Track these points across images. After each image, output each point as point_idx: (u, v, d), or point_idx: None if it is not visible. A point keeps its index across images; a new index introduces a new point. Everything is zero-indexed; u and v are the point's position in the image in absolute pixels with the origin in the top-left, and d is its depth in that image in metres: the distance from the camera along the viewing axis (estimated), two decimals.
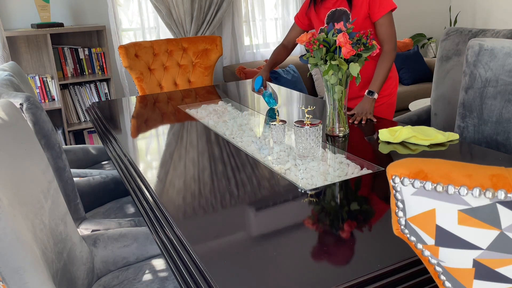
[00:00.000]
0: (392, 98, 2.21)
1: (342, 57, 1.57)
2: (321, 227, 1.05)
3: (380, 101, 2.16)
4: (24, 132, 1.21)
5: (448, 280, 0.64)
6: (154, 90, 3.19)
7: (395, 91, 2.22)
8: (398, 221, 0.64)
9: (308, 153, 1.47)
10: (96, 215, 1.91)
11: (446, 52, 2.68)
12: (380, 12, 1.97)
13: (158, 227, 1.18)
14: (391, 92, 2.19)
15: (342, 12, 2.08)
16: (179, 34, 4.07)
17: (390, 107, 2.21)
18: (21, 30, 3.47)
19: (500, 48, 1.81)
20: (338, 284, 0.84)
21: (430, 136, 1.57)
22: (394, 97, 2.22)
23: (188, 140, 1.76)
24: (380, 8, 1.97)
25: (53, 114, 3.77)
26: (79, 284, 1.32)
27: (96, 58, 3.84)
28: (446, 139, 1.56)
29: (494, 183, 0.54)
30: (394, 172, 0.61)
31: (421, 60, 4.75)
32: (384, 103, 2.18)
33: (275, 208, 1.16)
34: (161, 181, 1.38)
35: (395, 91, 2.22)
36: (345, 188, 1.27)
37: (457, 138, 1.58)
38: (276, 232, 1.04)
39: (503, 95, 1.82)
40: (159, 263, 1.48)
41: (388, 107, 2.20)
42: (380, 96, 2.14)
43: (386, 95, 2.17)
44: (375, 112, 2.13)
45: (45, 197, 1.22)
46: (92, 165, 2.50)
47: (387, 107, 2.20)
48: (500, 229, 0.55)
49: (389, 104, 2.20)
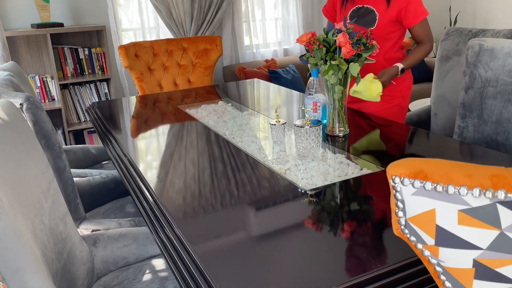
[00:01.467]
0: (405, 101, 2.19)
1: (342, 57, 1.57)
2: (321, 227, 1.05)
3: (392, 103, 2.13)
4: (24, 132, 1.21)
5: (448, 280, 0.64)
6: (154, 90, 3.20)
7: (408, 94, 2.19)
8: (398, 221, 0.64)
9: (308, 153, 1.47)
10: (96, 215, 1.91)
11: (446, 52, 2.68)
12: (415, 20, 2.02)
13: (158, 227, 1.18)
14: (404, 95, 2.17)
15: (369, 10, 2.07)
16: (179, 34, 4.07)
17: (402, 110, 2.19)
18: (21, 30, 3.47)
19: (500, 48, 1.81)
20: (338, 284, 0.84)
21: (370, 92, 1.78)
22: (407, 100, 2.20)
23: (188, 140, 1.76)
24: (415, 17, 2.01)
25: (53, 114, 3.77)
26: (79, 284, 1.32)
27: (96, 58, 3.84)
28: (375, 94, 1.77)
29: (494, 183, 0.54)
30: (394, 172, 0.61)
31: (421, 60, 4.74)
32: (397, 105, 2.14)
33: (275, 208, 1.16)
34: (161, 181, 1.38)
35: (408, 94, 2.19)
36: (345, 188, 1.27)
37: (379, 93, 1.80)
38: (276, 232, 1.04)
39: (503, 95, 1.82)
40: (159, 263, 1.48)
41: (400, 110, 2.18)
42: (393, 98, 2.12)
43: (399, 97, 2.14)
44: (387, 114, 2.11)
45: (45, 197, 1.22)
46: (92, 165, 2.50)
47: (399, 110, 2.17)
48: (500, 229, 0.55)
49: (401, 107, 2.18)
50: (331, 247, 0.97)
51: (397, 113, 2.16)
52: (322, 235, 1.02)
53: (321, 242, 0.99)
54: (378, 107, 2.13)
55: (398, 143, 1.65)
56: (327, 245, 0.97)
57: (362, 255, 0.93)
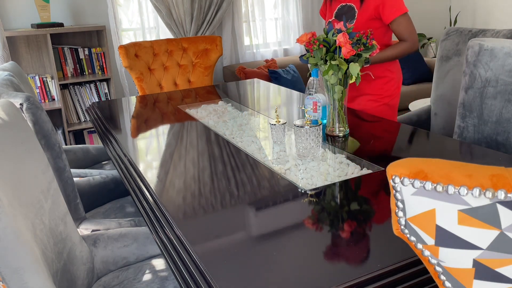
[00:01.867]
0: (393, 100, 2.20)
1: (342, 57, 1.57)
2: (321, 227, 1.05)
3: (381, 101, 2.15)
4: (24, 132, 1.21)
5: (448, 280, 0.64)
6: (154, 90, 3.19)
7: (397, 92, 2.20)
8: (398, 221, 0.64)
9: (308, 153, 1.47)
10: (96, 215, 1.91)
11: (446, 52, 2.67)
12: (391, 16, 2.03)
13: (158, 227, 1.18)
14: (393, 94, 2.18)
15: (350, 8, 2.10)
16: (179, 34, 4.07)
17: (392, 108, 2.20)
18: (21, 30, 3.47)
19: (500, 48, 1.81)
20: (338, 284, 0.84)
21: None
22: (396, 98, 2.21)
23: (188, 140, 1.76)
24: (391, 13, 2.02)
25: (53, 114, 3.76)
26: (79, 284, 1.32)
27: (96, 58, 3.84)
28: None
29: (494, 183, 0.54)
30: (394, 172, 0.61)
31: (421, 60, 4.75)
32: (386, 103, 2.17)
33: (275, 208, 1.16)
34: (161, 181, 1.38)
35: (397, 92, 2.20)
36: (345, 188, 1.27)
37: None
38: (276, 232, 1.04)
39: (503, 95, 1.82)
40: (159, 263, 1.48)
41: (390, 108, 2.19)
42: (381, 97, 2.14)
43: (387, 96, 2.16)
44: (376, 113, 2.12)
45: (45, 197, 1.22)
46: (92, 165, 2.50)
47: (389, 108, 2.18)
48: (500, 229, 0.55)
49: (390, 106, 2.19)
50: (331, 247, 0.97)
51: (387, 112, 2.17)
52: (322, 235, 1.02)
53: (321, 242, 0.99)
54: (367, 105, 2.15)
55: (398, 143, 1.65)
56: (327, 245, 0.97)
57: (362, 255, 0.93)
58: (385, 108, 2.17)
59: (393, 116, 2.23)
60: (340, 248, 0.96)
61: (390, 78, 2.16)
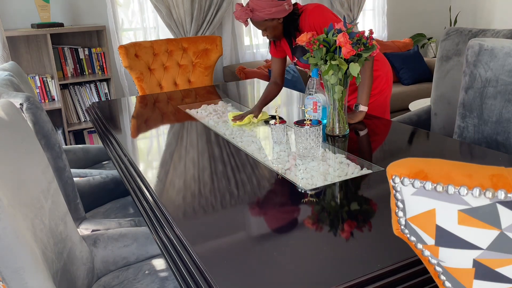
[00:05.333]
0: (383, 96, 2.15)
1: (342, 57, 1.57)
2: (321, 227, 1.05)
3: (370, 99, 2.09)
4: (24, 132, 1.21)
5: (448, 280, 0.64)
6: (154, 90, 3.19)
7: (386, 87, 2.15)
8: (398, 221, 0.64)
9: (308, 153, 1.47)
10: (96, 215, 1.91)
11: (446, 52, 2.67)
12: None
13: (158, 227, 1.18)
14: (382, 90, 2.14)
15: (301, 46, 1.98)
16: (179, 34, 4.07)
17: (382, 105, 2.16)
18: (21, 30, 3.47)
19: (500, 48, 1.81)
20: (338, 284, 0.84)
21: None
22: (385, 94, 2.16)
23: (188, 140, 1.76)
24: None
25: (53, 114, 3.76)
26: (79, 284, 1.32)
27: (96, 58, 3.83)
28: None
29: (494, 183, 0.54)
30: (394, 172, 0.61)
31: (421, 60, 4.75)
32: (375, 101, 2.12)
33: (275, 208, 1.16)
34: (161, 181, 1.38)
35: (386, 87, 2.15)
36: (345, 188, 1.27)
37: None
38: (276, 232, 1.04)
39: (503, 95, 1.82)
40: (159, 263, 1.48)
41: (380, 105, 2.14)
42: (371, 95, 2.09)
43: (376, 93, 2.12)
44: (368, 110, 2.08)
45: (45, 197, 1.22)
46: (92, 165, 2.50)
47: (379, 105, 2.14)
48: (500, 229, 0.55)
49: (380, 102, 2.14)
50: (331, 247, 0.97)
51: (378, 109, 2.14)
52: (322, 235, 1.02)
53: (321, 242, 0.99)
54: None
55: (398, 143, 1.65)
56: (327, 245, 0.97)
57: (362, 255, 0.93)
58: (375, 105, 2.12)
59: (385, 113, 2.19)
60: (340, 248, 0.96)
61: (376, 76, 2.11)
